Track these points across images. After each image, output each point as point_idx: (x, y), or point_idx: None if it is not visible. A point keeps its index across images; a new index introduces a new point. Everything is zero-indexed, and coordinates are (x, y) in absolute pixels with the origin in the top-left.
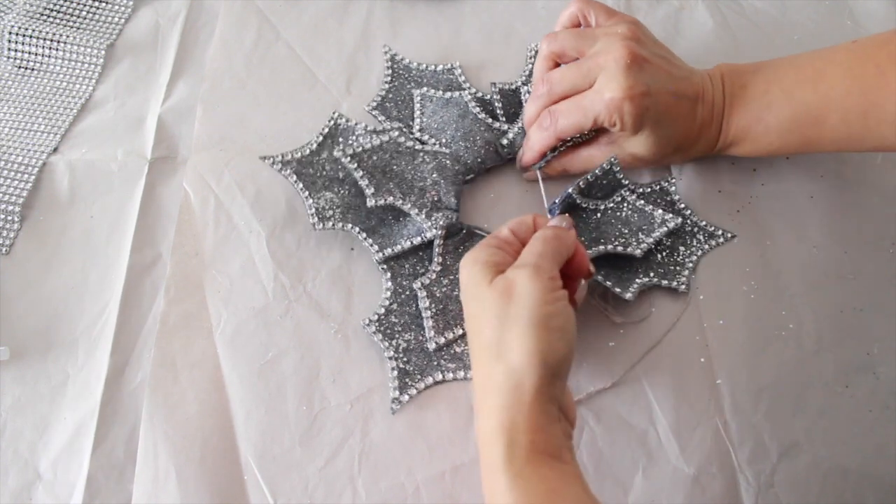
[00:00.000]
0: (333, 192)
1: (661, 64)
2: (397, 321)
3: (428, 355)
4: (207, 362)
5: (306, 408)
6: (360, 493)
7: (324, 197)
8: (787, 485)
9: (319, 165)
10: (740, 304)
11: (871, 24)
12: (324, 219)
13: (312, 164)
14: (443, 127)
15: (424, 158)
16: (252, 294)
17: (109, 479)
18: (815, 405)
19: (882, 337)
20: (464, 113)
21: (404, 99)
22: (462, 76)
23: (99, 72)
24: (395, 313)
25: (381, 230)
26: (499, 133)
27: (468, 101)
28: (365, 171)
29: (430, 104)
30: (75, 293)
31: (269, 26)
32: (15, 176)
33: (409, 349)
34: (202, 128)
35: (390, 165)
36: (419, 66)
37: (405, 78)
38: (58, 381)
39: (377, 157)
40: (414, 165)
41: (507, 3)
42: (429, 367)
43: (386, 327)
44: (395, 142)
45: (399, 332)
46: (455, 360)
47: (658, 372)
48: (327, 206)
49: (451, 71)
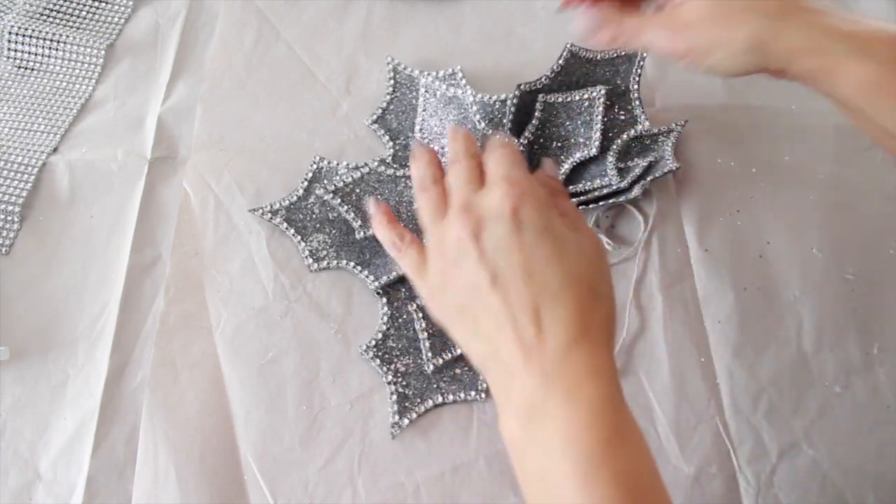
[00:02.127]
0: (325, 234)
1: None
2: (395, 345)
3: (427, 378)
4: (207, 362)
5: (306, 408)
6: (360, 492)
7: (316, 239)
8: (787, 485)
9: (308, 210)
10: (740, 303)
11: None
12: (318, 259)
13: (301, 209)
14: (442, 131)
15: (407, 184)
16: (252, 294)
17: (109, 479)
18: (815, 405)
19: (882, 337)
20: (463, 119)
21: (405, 110)
22: (463, 80)
23: (99, 72)
24: (392, 337)
25: (376, 261)
26: None
27: (469, 103)
28: (350, 205)
29: (434, 99)
30: (75, 293)
31: (269, 26)
32: (15, 176)
33: (408, 373)
34: (202, 128)
35: (375, 195)
36: (423, 73)
37: (408, 87)
38: (58, 381)
39: (360, 189)
40: (398, 192)
41: (507, 3)
42: (428, 390)
43: (384, 352)
44: (375, 172)
45: (397, 356)
46: (455, 381)
47: (658, 372)
48: (320, 247)
49: (454, 76)
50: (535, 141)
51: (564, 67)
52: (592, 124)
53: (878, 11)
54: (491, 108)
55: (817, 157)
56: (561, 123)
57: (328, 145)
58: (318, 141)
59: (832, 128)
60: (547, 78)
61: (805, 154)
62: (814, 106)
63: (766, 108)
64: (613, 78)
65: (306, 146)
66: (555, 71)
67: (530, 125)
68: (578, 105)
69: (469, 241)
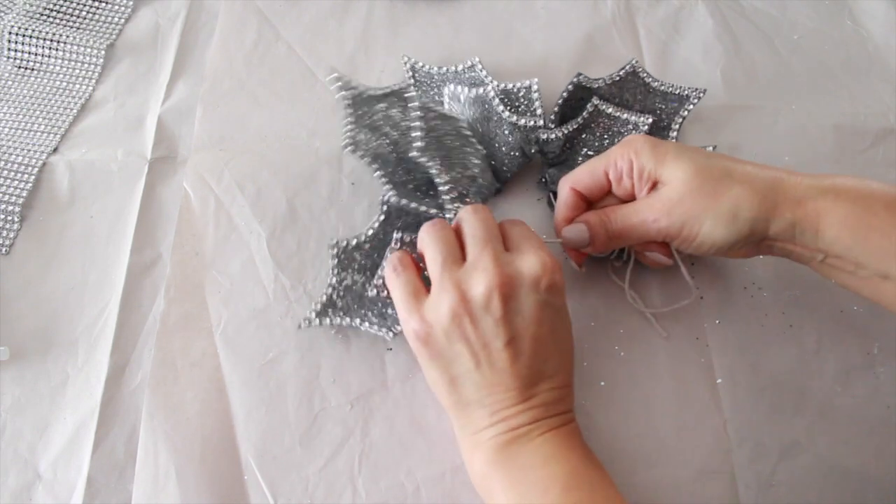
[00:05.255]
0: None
1: None
2: (359, 259)
3: (361, 302)
4: (207, 362)
5: (306, 408)
6: (360, 492)
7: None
8: (787, 485)
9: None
10: (740, 304)
11: (871, 25)
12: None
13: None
14: None
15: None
16: (252, 294)
17: (109, 479)
18: (815, 405)
19: (882, 337)
20: (488, 114)
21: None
22: (483, 70)
23: (99, 72)
24: (362, 251)
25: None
26: (526, 129)
27: (491, 98)
28: (425, 125)
29: (458, 105)
30: (75, 293)
31: (269, 26)
32: (15, 176)
33: (350, 287)
34: (202, 128)
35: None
36: (440, 70)
37: (428, 85)
38: (58, 381)
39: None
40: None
41: (507, 3)
42: (354, 311)
43: (346, 257)
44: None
45: (355, 269)
46: (379, 317)
47: (658, 372)
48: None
49: (473, 68)
50: (571, 138)
51: (622, 80)
52: None
53: (878, 11)
54: (515, 95)
55: (817, 157)
56: (599, 135)
57: (328, 145)
58: (318, 141)
59: (832, 128)
60: (604, 83)
61: (805, 154)
62: (814, 106)
63: (766, 108)
64: (661, 110)
65: (306, 146)
66: (613, 80)
67: (574, 122)
68: (623, 125)
69: (498, 304)
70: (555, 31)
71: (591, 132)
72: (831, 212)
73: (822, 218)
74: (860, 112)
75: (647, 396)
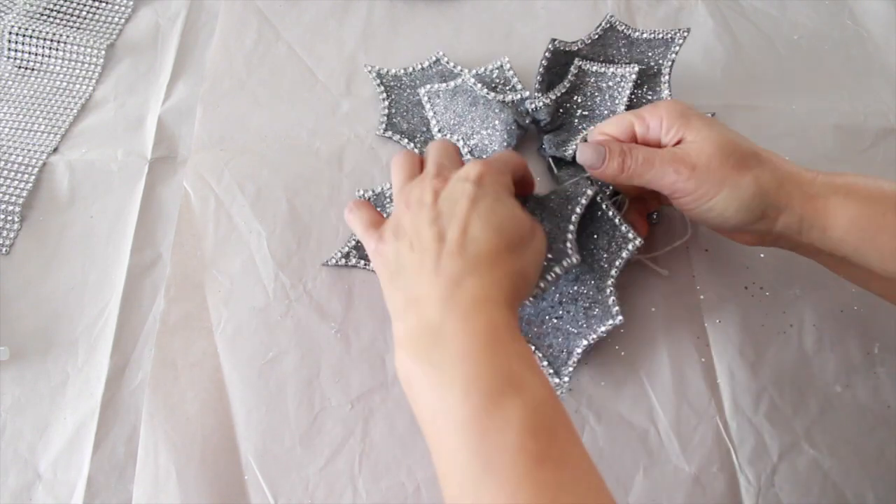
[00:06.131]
0: None
1: None
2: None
3: None
4: (207, 362)
5: (306, 408)
6: (360, 492)
7: None
8: (787, 484)
9: None
10: (740, 304)
11: (871, 24)
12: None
13: None
14: (459, 121)
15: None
16: (252, 294)
17: (109, 479)
18: (815, 405)
19: (882, 337)
20: (474, 100)
21: (407, 108)
22: (450, 62)
23: (99, 72)
24: (388, 199)
25: None
26: (514, 104)
27: (472, 84)
28: None
29: (439, 100)
30: (75, 293)
31: (269, 26)
32: (15, 176)
33: None
34: (202, 128)
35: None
36: (407, 71)
37: (398, 88)
38: (58, 381)
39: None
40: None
41: (507, 3)
42: None
43: (376, 202)
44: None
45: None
46: None
47: (658, 372)
48: None
49: (438, 62)
50: (562, 104)
51: (602, 38)
52: (619, 100)
53: (878, 11)
54: (489, 77)
55: (817, 157)
56: (590, 94)
57: (328, 145)
58: (319, 141)
59: (832, 128)
60: (583, 43)
61: (805, 154)
62: (814, 106)
63: (766, 108)
64: (648, 58)
65: (306, 146)
66: (592, 39)
67: (561, 85)
68: (611, 79)
69: (430, 194)
70: (555, 31)
71: (580, 93)
72: (839, 211)
73: (830, 217)
74: (860, 112)
75: (647, 396)
